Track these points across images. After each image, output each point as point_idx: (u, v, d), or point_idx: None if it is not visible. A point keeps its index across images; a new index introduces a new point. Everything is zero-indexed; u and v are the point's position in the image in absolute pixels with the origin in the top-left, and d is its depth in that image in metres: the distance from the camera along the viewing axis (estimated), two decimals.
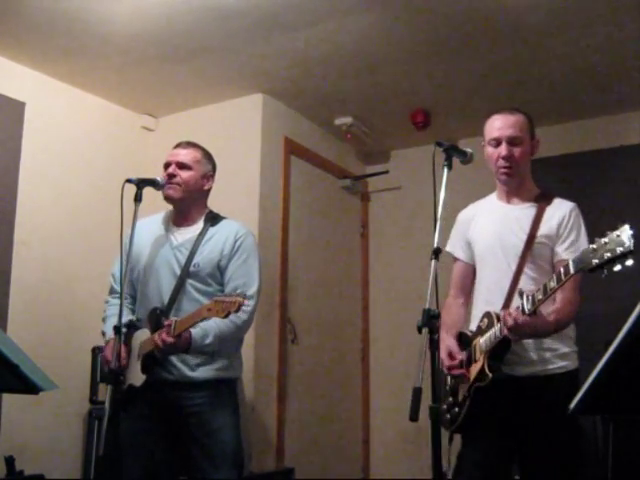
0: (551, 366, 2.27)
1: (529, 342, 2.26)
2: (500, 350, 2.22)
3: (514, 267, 2.32)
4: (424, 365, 1.87)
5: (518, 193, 2.45)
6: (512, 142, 2.37)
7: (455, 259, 2.61)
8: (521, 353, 2.27)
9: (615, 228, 1.80)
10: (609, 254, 1.76)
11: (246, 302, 2.31)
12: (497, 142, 2.39)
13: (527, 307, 2.09)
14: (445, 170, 2.14)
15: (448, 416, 2.36)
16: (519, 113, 2.44)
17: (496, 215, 2.46)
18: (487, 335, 2.25)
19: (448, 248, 2.61)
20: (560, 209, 2.37)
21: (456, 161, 2.20)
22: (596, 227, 4.11)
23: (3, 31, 3.32)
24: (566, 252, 2.30)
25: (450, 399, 2.38)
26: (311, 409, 4.25)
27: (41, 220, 3.67)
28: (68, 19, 3.18)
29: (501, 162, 2.38)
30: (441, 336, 2.44)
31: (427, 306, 1.92)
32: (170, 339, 2.39)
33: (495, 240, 2.40)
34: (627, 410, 1.84)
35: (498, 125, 2.41)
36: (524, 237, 2.33)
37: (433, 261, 2.00)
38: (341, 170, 4.78)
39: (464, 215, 2.62)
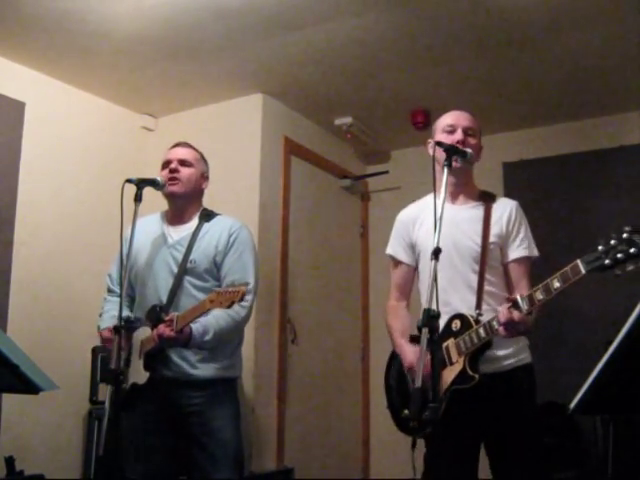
0: (512, 360, 2.31)
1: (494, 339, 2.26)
2: (479, 352, 2.23)
3: (470, 270, 2.34)
4: (424, 365, 1.87)
5: (463, 192, 2.46)
6: (467, 132, 2.40)
7: (397, 262, 2.58)
8: (491, 350, 2.28)
9: (621, 231, 1.85)
10: (621, 255, 1.82)
11: (246, 297, 2.32)
12: (452, 129, 2.41)
13: (525, 307, 2.10)
14: (445, 170, 2.14)
15: (415, 423, 2.34)
16: (474, 116, 2.48)
17: (443, 217, 2.43)
18: (465, 337, 2.23)
19: (389, 251, 2.59)
20: (506, 207, 2.42)
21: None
22: (596, 227, 4.12)
23: (3, 31, 3.31)
24: (517, 250, 2.37)
25: (415, 403, 2.34)
26: (311, 409, 4.24)
27: (41, 220, 3.67)
28: (68, 19, 3.18)
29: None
30: (397, 342, 2.46)
31: (427, 306, 1.92)
32: (171, 333, 2.39)
33: (449, 243, 2.32)
34: (627, 410, 1.84)
35: (455, 115, 2.46)
36: (479, 240, 2.36)
37: (433, 261, 2.00)
38: (341, 170, 4.78)
39: (405, 216, 2.59)
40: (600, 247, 1.87)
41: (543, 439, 2.42)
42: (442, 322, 2.27)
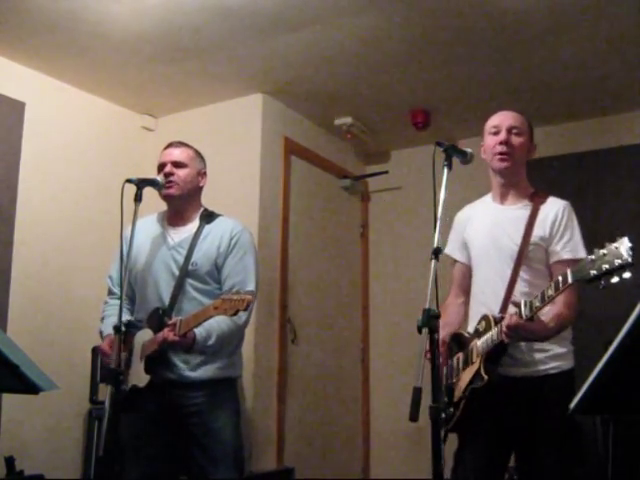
0: (545, 367, 2.27)
1: (523, 344, 2.26)
2: (496, 353, 2.23)
3: (508, 270, 2.32)
4: (424, 365, 1.87)
5: (512, 193, 2.44)
6: (512, 131, 2.39)
7: (454, 261, 2.62)
8: (516, 355, 2.28)
9: (614, 240, 1.80)
10: (607, 266, 1.77)
11: None
12: (497, 129, 2.41)
13: (525, 313, 2.10)
14: (445, 170, 2.14)
15: (443, 415, 2.36)
16: (521, 114, 2.46)
17: (490, 217, 2.46)
18: (484, 338, 2.25)
19: (447, 250, 2.61)
20: (553, 208, 2.37)
21: (456, 161, 2.20)
22: (596, 228, 4.12)
23: (3, 31, 3.31)
24: (562, 252, 2.31)
25: (445, 398, 2.38)
26: (311, 409, 4.24)
27: (41, 220, 3.67)
28: (68, 19, 3.18)
29: (498, 148, 2.38)
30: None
31: (427, 306, 1.92)
32: (175, 338, 2.39)
33: (489, 242, 2.39)
34: (627, 410, 1.84)
35: (500, 116, 2.44)
36: (518, 240, 2.33)
37: (433, 261, 1.99)
38: (341, 170, 4.78)
39: (460, 216, 2.62)
40: (589, 257, 1.84)
41: (577, 449, 2.38)
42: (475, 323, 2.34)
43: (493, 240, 2.38)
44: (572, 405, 1.42)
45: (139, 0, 3.05)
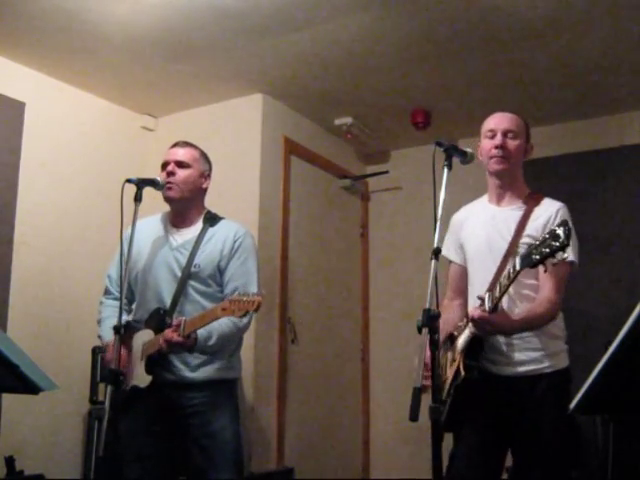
0: (539, 365, 2.28)
1: (515, 343, 2.28)
2: (474, 349, 2.24)
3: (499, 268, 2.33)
4: (424, 365, 1.88)
5: (509, 194, 2.45)
6: (507, 135, 2.40)
7: (450, 262, 2.62)
8: (508, 354, 2.30)
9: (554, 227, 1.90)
10: (547, 250, 1.87)
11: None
12: (493, 133, 2.42)
13: (487, 304, 2.14)
14: (445, 170, 2.15)
15: None
16: (517, 115, 2.47)
17: (485, 218, 2.46)
18: (464, 335, 2.29)
19: (443, 251, 2.61)
20: (548, 209, 2.37)
21: (456, 161, 2.20)
22: (597, 227, 4.12)
23: (3, 31, 3.31)
24: None
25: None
26: (311, 409, 4.24)
27: (41, 220, 3.67)
28: (68, 19, 3.18)
29: (494, 151, 2.39)
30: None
31: (427, 306, 1.93)
32: (179, 338, 2.38)
33: (484, 243, 2.40)
34: (627, 410, 1.84)
35: (495, 119, 2.46)
36: (509, 238, 2.34)
37: (433, 261, 2.00)
38: (341, 170, 4.78)
39: (457, 218, 2.62)
40: (535, 242, 1.94)
41: (572, 446, 2.40)
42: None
43: (488, 241, 2.39)
44: (572, 405, 1.42)
45: (139, 0, 3.05)
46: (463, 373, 2.20)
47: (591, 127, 4.30)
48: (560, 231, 1.84)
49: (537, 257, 1.90)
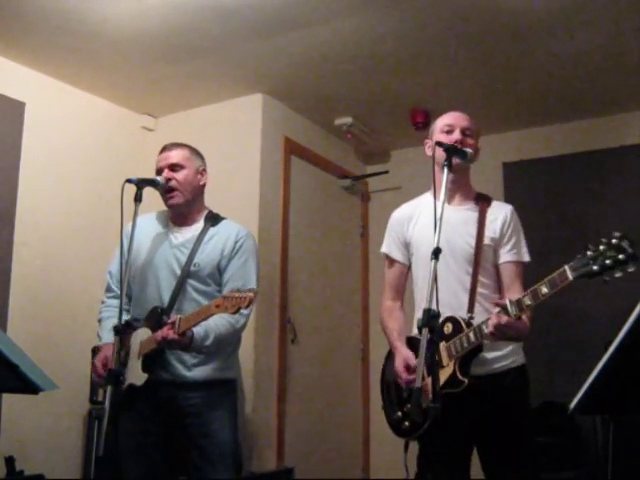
0: (506, 362, 2.33)
1: (485, 343, 2.26)
2: (470, 356, 2.23)
3: (464, 271, 2.34)
4: (424, 365, 1.88)
5: (459, 193, 2.46)
6: (465, 132, 2.40)
7: (391, 260, 2.59)
8: (480, 354, 2.28)
9: (610, 237, 1.85)
10: (609, 261, 1.82)
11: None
12: (450, 128, 2.42)
13: (513, 311, 2.09)
14: (445, 170, 2.14)
15: (407, 423, 2.35)
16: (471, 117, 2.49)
17: (438, 217, 2.43)
18: (455, 341, 2.23)
19: (383, 249, 2.61)
20: (501, 211, 2.42)
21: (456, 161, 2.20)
22: (597, 227, 4.11)
23: (3, 31, 3.31)
24: (509, 254, 2.37)
25: (406, 407, 2.34)
26: (311, 409, 4.24)
27: (41, 220, 3.67)
28: (68, 19, 3.18)
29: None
30: (394, 345, 2.46)
31: (427, 306, 1.92)
32: (174, 336, 2.38)
33: (442, 243, 2.35)
34: (627, 410, 1.84)
35: (453, 116, 2.47)
36: (472, 242, 2.36)
37: (433, 261, 2.00)
38: (341, 170, 4.78)
39: (399, 215, 2.60)
40: (589, 253, 1.87)
41: (535, 440, 2.46)
42: None
43: (446, 241, 2.30)
44: (572, 405, 1.42)
45: (139, 0, 3.05)
46: (465, 380, 2.19)
47: (591, 127, 4.30)
48: (625, 243, 1.81)
49: (597, 268, 1.85)
